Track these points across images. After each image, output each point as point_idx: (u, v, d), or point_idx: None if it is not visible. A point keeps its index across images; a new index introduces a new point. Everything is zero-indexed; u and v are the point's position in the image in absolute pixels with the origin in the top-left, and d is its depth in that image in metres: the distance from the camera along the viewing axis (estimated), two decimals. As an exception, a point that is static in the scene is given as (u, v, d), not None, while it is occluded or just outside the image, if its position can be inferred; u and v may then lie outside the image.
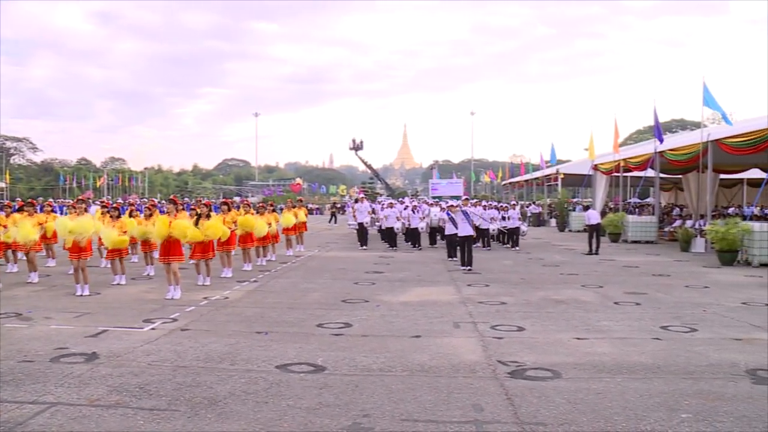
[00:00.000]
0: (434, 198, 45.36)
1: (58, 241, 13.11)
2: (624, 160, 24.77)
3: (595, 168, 28.02)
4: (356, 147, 79.17)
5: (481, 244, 19.04)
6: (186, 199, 43.74)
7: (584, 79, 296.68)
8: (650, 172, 23.45)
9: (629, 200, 29.72)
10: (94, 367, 5.81)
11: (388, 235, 20.01)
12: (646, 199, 37.65)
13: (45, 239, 13.74)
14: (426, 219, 19.57)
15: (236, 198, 55.37)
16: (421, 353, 6.39)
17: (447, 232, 15.47)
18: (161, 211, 14.22)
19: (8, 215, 13.16)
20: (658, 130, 21.79)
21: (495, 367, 5.89)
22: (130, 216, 13.17)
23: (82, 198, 13.83)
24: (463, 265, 13.81)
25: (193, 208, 13.48)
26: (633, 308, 9.12)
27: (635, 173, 25.54)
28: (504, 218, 19.26)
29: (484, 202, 23.07)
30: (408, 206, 20.87)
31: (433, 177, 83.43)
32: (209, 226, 11.06)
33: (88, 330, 7.45)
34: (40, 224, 12.98)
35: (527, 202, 40.23)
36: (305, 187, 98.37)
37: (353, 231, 21.58)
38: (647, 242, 22.04)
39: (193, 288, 10.82)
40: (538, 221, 35.95)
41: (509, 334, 7.32)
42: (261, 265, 14.46)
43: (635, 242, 22.06)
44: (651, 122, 25.73)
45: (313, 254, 17.91)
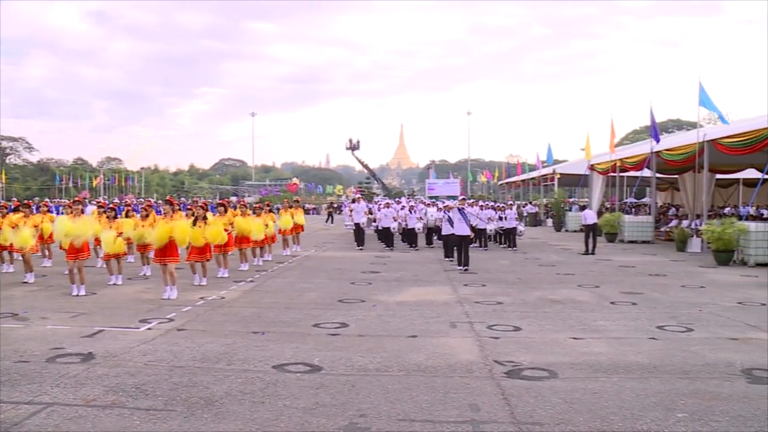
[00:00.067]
0: (431, 198, 45.37)
1: (55, 241, 13.07)
2: (620, 160, 24.81)
3: (592, 168, 28.06)
4: (353, 147, 79.13)
5: (478, 244, 19.05)
6: (182, 199, 43.62)
7: (581, 79, 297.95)
8: (647, 172, 23.48)
9: (626, 200, 29.74)
10: (90, 368, 5.79)
11: (384, 235, 20.01)
12: (643, 199, 37.68)
13: (41, 240, 13.69)
14: (423, 219, 19.59)
15: (233, 198, 55.35)
16: (418, 353, 6.39)
17: (444, 232, 15.47)
18: (157, 211, 14.21)
19: (4, 216, 13.10)
20: (655, 130, 21.85)
21: (491, 366, 5.89)
22: (127, 216, 13.16)
23: (78, 199, 13.77)
24: (459, 265, 13.81)
25: (189, 209, 13.45)
26: (629, 308, 9.14)
27: (632, 173, 25.57)
28: (501, 218, 19.28)
29: (481, 202, 23.08)
30: (405, 206, 20.87)
31: (429, 177, 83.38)
32: (211, 232, 11.10)
33: (84, 330, 7.43)
34: (36, 226, 12.93)
35: (523, 202, 40.24)
36: (302, 187, 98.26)
37: (350, 231, 21.58)
38: (643, 242, 22.08)
39: (189, 288, 10.81)
40: (535, 221, 35.98)
41: (506, 334, 7.33)
42: (257, 265, 14.45)
43: (632, 242, 22.10)
44: (647, 122, 25.82)
45: (310, 254, 17.90)
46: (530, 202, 40.65)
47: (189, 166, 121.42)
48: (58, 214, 18.42)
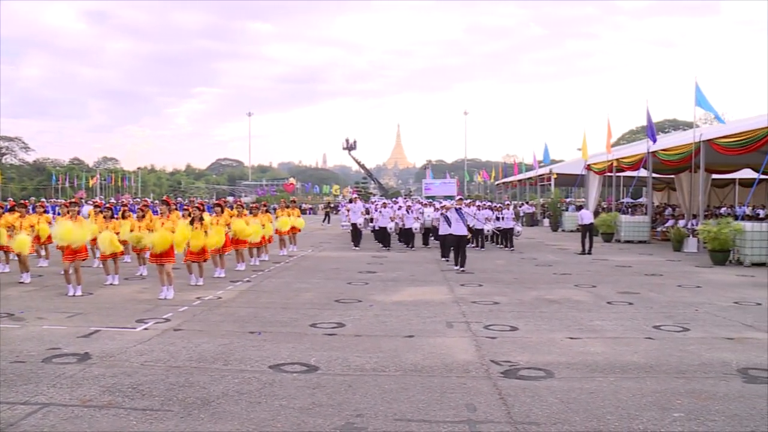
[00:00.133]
0: (428, 198, 45.38)
1: (53, 241, 13.04)
2: (617, 160, 24.86)
3: (588, 168, 28.10)
4: (349, 147, 79.17)
5: (474, 244, 19.05)
6: (179, 199, 43.56)
7: (577, 79, 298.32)
8: (643, 172, 23.53)
9: (622, 200, 29.83)
10: (86, 368, 5.78)
11: (381, 235, 20.01)
12: (639, 199, 37.83)
13: (38, 241, 13.65)
14: (420, 219, 19.59)
15: (229, 198, 55.29)
16: (415, 353, 6.39)
17: (441, 232, 15.48)
18: (154, 211, 14.17)
19: (0, 216, 13.08)
20: (652, 130, 21.88)
21: (488, 366, 5.90)
22: (123, 216, 13.12)
23: (75, 200, 13.73)
24: (456, 265, 13.82)
25: (186, 209, 13.43)
26: (626, 308, 9.15)
27: (628, 173, 25.65)
28: (498, 218, 19.29)
29: (478, 202, 23.09)
30: (402, 206, 20.88)
31: (426, 177, 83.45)
32: (212, 240, 11.15)
33: (80, 330, 7.41)
34: (32, 226, 12.90)
35: (520, 202, 40.31)
36: (298, 187, 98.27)
37: (346, 231, 21.59)
38: (640, 242, 22.12)
39: (186, 288, 10.80)
40: (531, 221, 36.03)
41: (502, 334, 7.33)
42: (254, 265, 14.44)
43: (628, 242, 22.14)
44: (643, 122, 25.82)
45: (307, 254, 17.89)
46: (527, 202, 40.72)
47: (186, 165, 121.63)
48: (54, 214, 18.39)
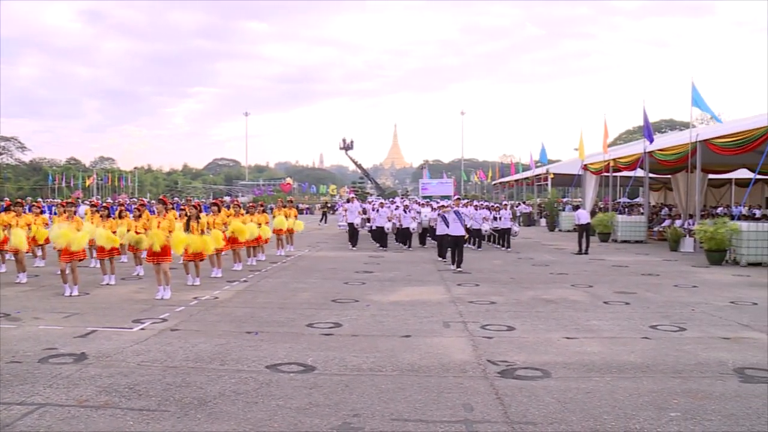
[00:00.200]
0: (424, 198, 45.40)
1: (50, 241, 13.01)
2: (614, 160, 24.90)
3: (585, 168, 28.14)
4: (346, 147, 79.23)
5: (472, 244, 19.06)
6: (176, 198, 43.51)
7: (573, 79, 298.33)
8: (640, 172, 23.59)
9: (619, 200, 29.86)
10: (83, 368, 5.77)
11: (378, 235, 20.01)
12: (636, 199, 37.86)
13: (34, 242, 13.62)
14: (417, 219, 19.59)
15: (226, 198, 55.20)
16: (411, 353, 6.40)
17: (438, 232, 15.48)
18: (151, 211, 14.15)
19: (-4, 215, 13.04)
20: (648, 129, 21.90)
21: (485, 366, 5.90)
22: (120, 216, 13.11)
23: (71, 201, 13.70)
24: (453, 265, 13.83)
25: (182, 208, 13.40)
26: (622, 308, 9.17)
27: (625, 173, 25.70)
28: (496, 218, 19.31)
29: (475, 202, 23.11)
30: (399, 206, 20.88)
31: (423, 177, 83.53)
32: (208, 241, 11.16)
33: (77, 330, 7.40)
34: (28, 225, 12.86)
35: (517, 202, 40.34)
36: (295, 187, 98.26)
37: (343, 231, 21.58)
38: (637, 242, 22.16)
39: (182, 288, 10.78)
40: (529, 221, 36.07)
41: (499, 334, 7.34)
42: (251, 265, 14.43)
43: (625, 242, 22.17)
44: (640, 122, 25.91)
45: (303, 254, 17.88)
46: (524, 202, 40.77)
47: (182, 165, 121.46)
48: (51, 214, 18.36)
